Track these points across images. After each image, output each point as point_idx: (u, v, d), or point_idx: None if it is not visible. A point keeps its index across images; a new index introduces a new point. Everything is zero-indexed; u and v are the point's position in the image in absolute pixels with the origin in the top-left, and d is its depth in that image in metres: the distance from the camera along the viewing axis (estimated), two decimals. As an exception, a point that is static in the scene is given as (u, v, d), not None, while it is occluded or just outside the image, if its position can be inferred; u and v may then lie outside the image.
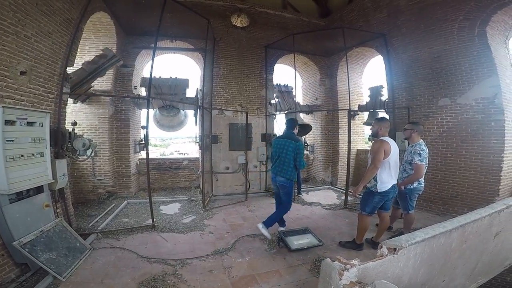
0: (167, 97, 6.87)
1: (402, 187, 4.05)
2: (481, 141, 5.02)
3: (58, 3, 4.01)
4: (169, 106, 7.21)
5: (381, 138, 3.64)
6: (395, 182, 3.65)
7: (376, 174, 3.54)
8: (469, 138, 5.19)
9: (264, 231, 4.04)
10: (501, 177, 4.78)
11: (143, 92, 7.55)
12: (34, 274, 3.16)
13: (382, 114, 7.94)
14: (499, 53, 5.05)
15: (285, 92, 8.92)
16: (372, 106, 7.74)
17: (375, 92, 7.77)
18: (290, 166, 4.17)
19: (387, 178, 3.55)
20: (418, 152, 3.91)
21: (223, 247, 4.06)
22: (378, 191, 3.57)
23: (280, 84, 9.03)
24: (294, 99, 8.84)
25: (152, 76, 5.14)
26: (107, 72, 6.44)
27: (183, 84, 7.18)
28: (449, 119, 5.49)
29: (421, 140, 4.10)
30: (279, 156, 4.26)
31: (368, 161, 3.80)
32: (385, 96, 7.44)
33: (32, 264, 3.11)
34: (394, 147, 3.56)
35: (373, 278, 1.52)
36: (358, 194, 3.73)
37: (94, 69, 5.36)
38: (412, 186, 4.03)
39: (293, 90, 8.44)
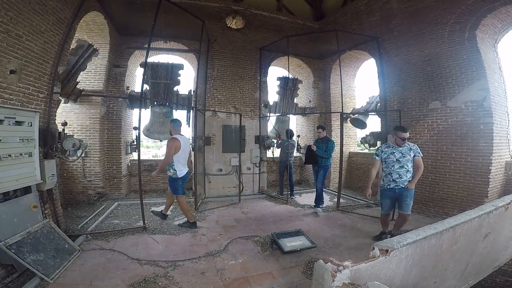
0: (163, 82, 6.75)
1: (413, 186, 3.98)
2: (470, 143, 5.11)
3: (51, 2, 3.94)
4: (163, 102, 7.00)
5: (174, 136, 4.65)
6: (188, 169, 4.83)
7: (174, 165, 4.57)
8: (458, 141, 5.28)
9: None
10: (490, 179, 4.86)
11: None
12: (20, 276, 3.08)
13: (373, 117, 8.06)
14: (488, 57, 5.15)
15: (288, 89, 8.43)
16: (364, 110, 7.86)
17: (373, 100, 7.95)
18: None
19: (181, 167, 4.67)
20: (415, 148, 3.97)
21: (216, 249, 4.03)
22: (179, 176, 4.65)
23: (287, 77, 8.31)
24: (295, 100, 8.76)
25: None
26: (98, 72, 6.42)
27: (178, 67, 6.92)
28: (439, 122, 5.58)
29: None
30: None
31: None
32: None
33: (18, 266, 3.04)
34: (184, 142, 4.66)
35: (366, 279, 1.52)
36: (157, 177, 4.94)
37: (76, 61, 5.30)
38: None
39: (299, 86, 8.29)
